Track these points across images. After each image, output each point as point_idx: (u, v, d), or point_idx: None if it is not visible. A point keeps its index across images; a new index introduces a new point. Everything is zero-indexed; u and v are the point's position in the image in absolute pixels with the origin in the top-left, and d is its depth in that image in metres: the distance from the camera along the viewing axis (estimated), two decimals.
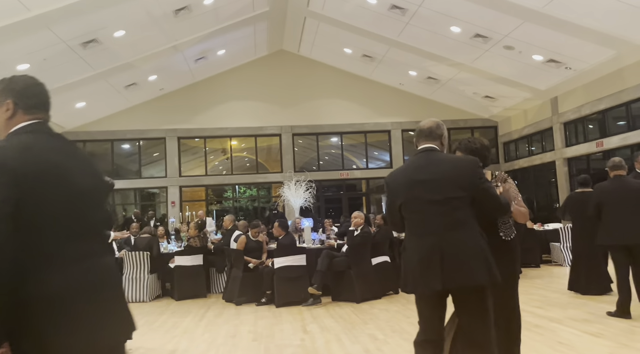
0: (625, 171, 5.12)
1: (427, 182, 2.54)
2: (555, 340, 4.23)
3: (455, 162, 2.61)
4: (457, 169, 2.55)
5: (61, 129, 14.84)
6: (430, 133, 2.70)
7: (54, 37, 9.67)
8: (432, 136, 2.70)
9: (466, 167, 2.57)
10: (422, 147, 2.70)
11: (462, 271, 2.41)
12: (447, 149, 2.83)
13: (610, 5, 8.96)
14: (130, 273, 7.62)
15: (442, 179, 2.52)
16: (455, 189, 2.49)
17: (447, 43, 12.16)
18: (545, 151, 14.51)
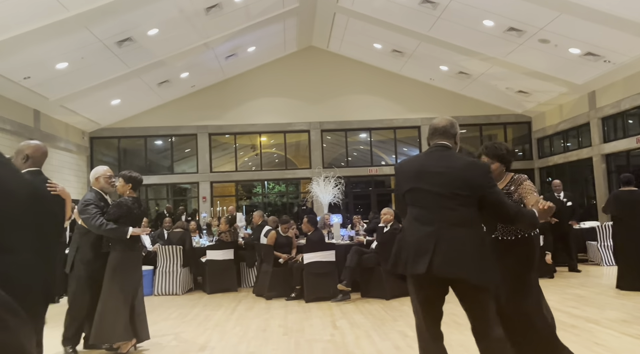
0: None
1: (436, 174, 2.58)
2: (591, 341, 4.12)
3: (468, 163, 2.63)
4: (469, 169, 2.58)
5: (97, 126, 15.29)
6: (445, 132, 2.73)
7: (91, 36, 9.94)
8: (447, 135, 2.73)
9: (478, 169, 2.61)
10: (436, 143, 2.74)
11: (451, 263, 2.43)
12: (457, 148, 2.85)
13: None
14: (163, 266, 7.80)
15: (452, 174, 2.55)
16: (464, 187, 2.52)
17: (479, 37, 11.92)
18: (581, 147, 14.08)
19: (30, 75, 10.50)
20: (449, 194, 2.52)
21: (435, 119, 2.83)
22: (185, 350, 4.44)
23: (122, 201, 4.48)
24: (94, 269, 4.35)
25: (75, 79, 11.51)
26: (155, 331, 5.21)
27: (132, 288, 4.38)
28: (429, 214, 2.55)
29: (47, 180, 3.33)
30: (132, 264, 4.46)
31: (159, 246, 7.96)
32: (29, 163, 3.28)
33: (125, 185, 4.58)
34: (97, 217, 4.27)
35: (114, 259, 4.34)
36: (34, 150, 3.31)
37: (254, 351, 4.30)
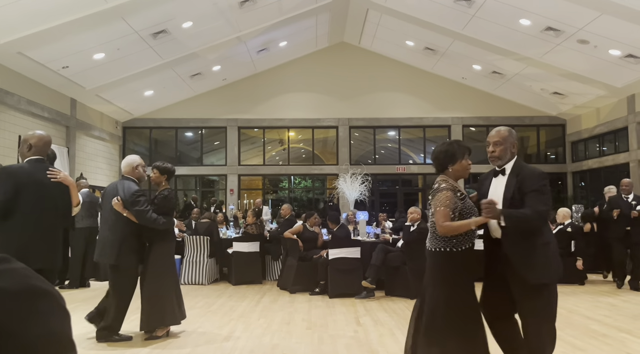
0: None
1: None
2: (624, 351, 4.00)
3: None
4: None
5: (130, 116, 15.62)
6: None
7: (128, 27, 10.15)
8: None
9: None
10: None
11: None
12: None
13: None
14: (191, 256, 7.93)
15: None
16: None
17: (515, 36, 11.65)
18: (618, 152, 13.65)
19: (69, 65, 10.80)
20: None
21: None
22: (210, 339, 4.51)
23: (168, 194, 4.61)
24: (141, 256, 4.49)
25: (111, 70, 11.77)
26: None
27: (173, 274, 4.61)
28: None
29: (48, 168, 3.47)
30: (171, 253, 4.68)
31: (187, 236, 8.09)
32: (33, 151, 3.47)
33: (161, 176, 4.66)
34: (150, 210, 4.34)
35: (155, 251, 4.46)
36: (38, 140, 3.50)
37: (278, 343, 4.33)
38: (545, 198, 2.80)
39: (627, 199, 7.27)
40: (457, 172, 3.02)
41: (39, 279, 0.75)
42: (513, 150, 3.00)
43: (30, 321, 0.70)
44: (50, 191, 3.42)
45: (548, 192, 2.84)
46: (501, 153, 2.98)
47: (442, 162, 3.02)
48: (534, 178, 2.83)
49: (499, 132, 3.02)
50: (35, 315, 0.71)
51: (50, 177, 3.42)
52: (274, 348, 4.21)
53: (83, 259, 7.53)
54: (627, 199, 7.26)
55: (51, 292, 0.76)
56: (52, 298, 0.75)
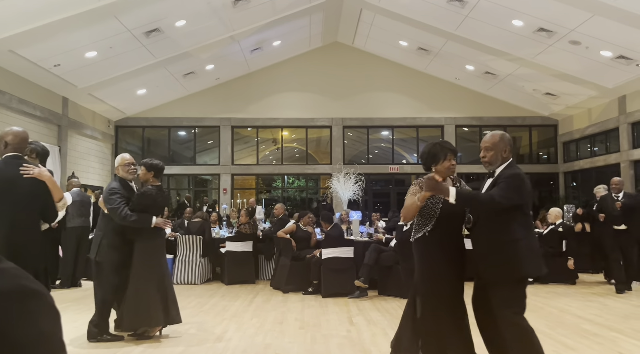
0: None
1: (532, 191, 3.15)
2: (615, 350, 4.03)
3: None
4: None
5: (123, 115, 15.53)
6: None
7: (120, 26, 10.09)
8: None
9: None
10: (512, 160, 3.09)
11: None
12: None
13: None
14: (183, 255, 7.89)
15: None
16: None
17: (507, 37, 11.71)
18: (609, 152, 13.76)
19: (61, 63, 10.72)
20: None
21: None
22: (202, 339, 4.49)
23: (146, 190, 4.50)
24: (124, 253, 4.42)
25: (103, 68, 11.70)
26: None
27: (160, 274, 4.47)
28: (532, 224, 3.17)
29: (22, 164, 3.37)
30: (158, 252, 4.55)
31: (179, 236, 8.05)
32: (9, 149, 3.40)
33: (148, 173, 4.59)
34: (121, 207, 4.31)
35: (140, 248, 4.41)
36: (14, 136, 3.41)
37: (271, 343, 4.33)
38: (507, 190, 2.84)
39: (617, 198, 7.06)
40: (440, 172, 3.17)
41: (29, 279, 0.74)
42: (504, 155, 3.03)
43: (21, 321, 0.69)
44: (23, 188, 3.31)
45: (514, 188, 2.86)
46: (491, 159, 3.04)
47: (425, 162, 3.25)
48: (507, 175, 2.92)
49: (490, 137, 3.08)
50: (26, 315, 0.70)
51: (23, 173, 3.31)
52: (266, 347, 4.20)
53: (75, 259, 7.48)
54: (617, 198, 7.05)
55: (41, 292, 0.75)
56: (42, 297, 0.75)
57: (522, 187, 2.89)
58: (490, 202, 2.81)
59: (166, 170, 14.63)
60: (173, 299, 4.51)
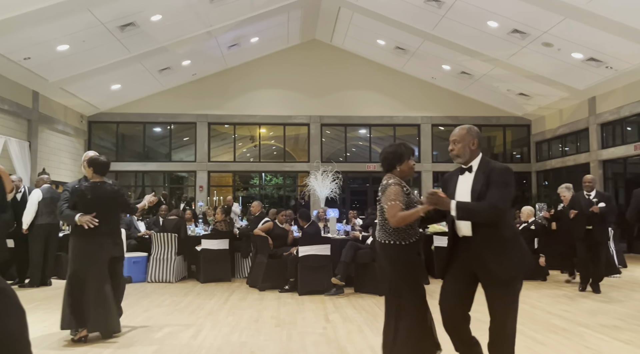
0: None
1: None
2: (582, 345, 4.15)
3: None
4: None
5: (96, 110, 15.22)
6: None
7: (94, 19, 9.87)
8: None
9: None
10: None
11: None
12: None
13: None
14: (158, 253, 7.79)
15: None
16: None
17: (483, 38, 11.90)
18: (579, 152, 14.13)
19: (31, 56, 10.43)
20: None
21: (475, 127, 3.13)
22: (177, 337, 4.44)
23: (76, 187, 4.40)
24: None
25: (76, 62, 11.44)
26: (147, 317, 5.22)
27: (81, 275, 4.22)
28: None
29: None
30: (81, 252, 4.27)
31: (154, 233, 7.94)
32: None
33: (88, 169, 4.45)
34: (61, 203, 4.36)
35: (70, 245, 4.36)
36: None
37: (246, 341, 4.31)
38: (505, 192, 2.82)
39: (588, 196, 6.76)
40: (404, 171, 3.25)
41: None
42: (472, 147, 3.03)
43: None
44: None
45: (510, 187, 2.86)
46: (459, 151, 3.05)
47: (391, 161, 3.25)
48: (499, 172, 2.90)
49: (459, 130, 3.10)
50: None
51: None
52: (242, 345, 4.18)
53: (44, 257, 7.30)
54: (589, 196, 6.76)
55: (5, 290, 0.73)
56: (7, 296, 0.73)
57: (512, 181, 2.91)
58: (493, 210, 2.80)
59: (141, 167, 14.41)
60: (99, 304, 4.19)
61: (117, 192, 4.46)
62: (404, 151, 3.25)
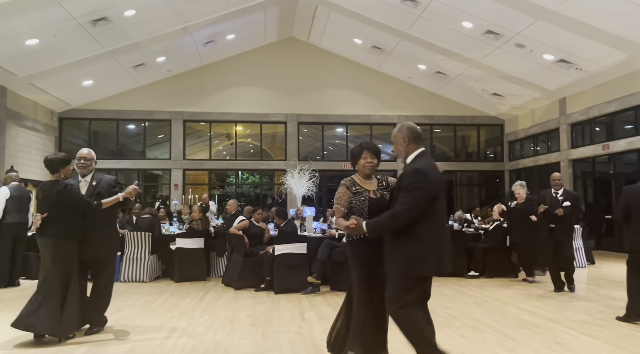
0: None
1: (444, 181, 3.07)
2: (552, 340, 4.25)
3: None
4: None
5: (67, 106, 14.86)
6: (422, 137, 3.14)
7: (64, 13, 9.63)
8: (422, 140, 3.15)
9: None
10: (423, 149, 3.09)
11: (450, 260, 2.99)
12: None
13: (624, 7, 8.87)
14: (131, 252, 7.66)
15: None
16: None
17: (458, 38, 12.06)
18: (550, 152, 14.46)
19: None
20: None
21: (411, 123, 3.12)
22: (150, 337, 4.38)
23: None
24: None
25: (46, 57, 11.14)
26: (119, 318, 5.13)
27: (44, 275, 4.19)
28: (444, 217, 3.05)
29: None
30: (50, 255, 4.21)
31: (127, 232, 7.80)
32: None
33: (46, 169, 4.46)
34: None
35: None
36: None
37: (221, 341, 4.27)
38: (410, 197, 2.82)
39: (556, 194, 6.73)
40: (360, 169, 3.36)
41: None
42: (405, 146, 3.05)
43: None
44: None
45: (418, 190, 2.82)
46: (396, 151, 3.18)
47: (351, 161, 3.46)
48: (408, 176, 2.91)
49: (393, 130, 3.19)
50: None
51: None
52: (216, 345, 4.15)
53: (12, 257, 7.09)
54: (556, 194, 6.72)
55: None
56: None
57: (423, 183, 2.83)
58: (397, 220, 2.82)
59: (114, 164, 14.21)
60: (54, 305, 4.12)
61: (61, 192, 4.23)
62: (356, 151, 3.37)
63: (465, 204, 16.52)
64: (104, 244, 4.48)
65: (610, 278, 7.98)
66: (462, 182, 17.79)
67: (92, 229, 4.40)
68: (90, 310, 4.47)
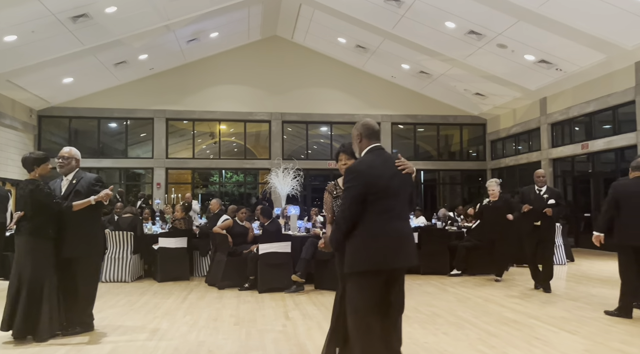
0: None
1: (396, 175, 2.83)
2: (532, 336, 4.32)
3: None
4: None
5: (47, 104, 14.60)
6: (378, 133, 3.04)
7: (43, 9, 9.45)
8: (378, 136, 3.02)
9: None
10: (376, 144, 2.96)
11: (411, 253, 2.82)
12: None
13: (603, 9, 9.04)
14: (113, 252, 7.56)
15: (400, 174, 2.85)
16: (409, 185, 2.89)
17: (441, 38, 12.16)
18: (531, 151, 14.68)
19: None
20: (403, 192, 2.85)
21: (367, 120, 3.05)
22: (131, 338, 4.33)
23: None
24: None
25: (24, 54, 10.93)
26: (100, 318, 5.06)
27: (17, 273, 4.19)
28: (395, 210, 2.78)
29: None
30: (25, 256, 4.18)
31: (109, 232, 7.70)
32: None
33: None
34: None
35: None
36: None
37: (204, 340, 4.25)
38: (344, 197, 2.87)
39: (539, 191, 6.66)
40: (341, 172, 3.34)
41: None
42: (358, 141, 3.02)
43: None
44: None
45: (348, 189, 2.79)
46: (354, 149, 3.13)
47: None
48: (345, 173, 2.92)
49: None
50: None
51: None
52: (199, 345, 4.12)
53: None
54: (540, 191, 6.66)
55: None
56: None
57: (352, 183, 2.76)
58: (340, 224, 2.80)
59: (95, 163, 14.04)
60: (29, 308, 4.11)
61: (33, 191, 4.19)
62: (336, 153, 3.45)
63: (448, 203, 16.68)
64: (82, 243, 4.40)
65: (589, 275, 8.14)
66: (445, 181, 17.96)
67: (70, 228, 4.34)
68: (68, 311, 4.39)
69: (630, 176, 5.12)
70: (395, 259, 2.74)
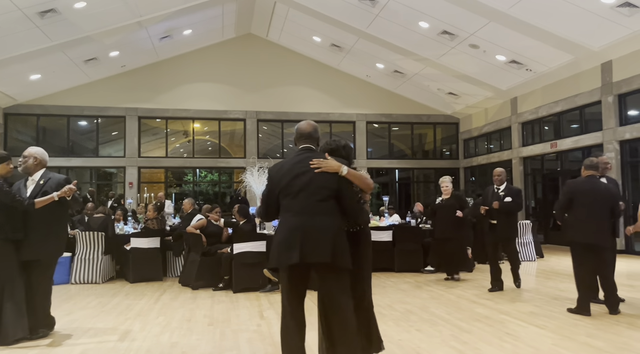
0: (598, 173, 5.17)
1: (304, 173, 2.92)
2: (503, 331, 4.41)
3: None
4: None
5: (13, 101, 14.17)
6: (309, 136, 3.16)
7: (9, 3, 9.16)
8: (311, 139, 3.15)
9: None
10: (303, 146, 3.14)
11: (317, 249, 2.79)
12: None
13: (571, 10, 9.27)
14: (83, 253, 7.39)
15: (309, 173, 2.92)
16: (321, 182, 2.90)
17: (414, 38, 12.29)
18: (503, 150, 14.98)
19: None
20: (314, 189, 2.89)
21: (300, 123, 3.20)
22: (102, 340, 4.24)
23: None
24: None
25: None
26: (70, 321, 4.95)
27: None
28: (296, 206, 2.89)
29: None
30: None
31: (79, 232, 7.52)
32: None
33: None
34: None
35: None
36: None
37: (177, 341, 4.20)
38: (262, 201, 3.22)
39: (497, 189, 6.65)
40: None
41: None
42: (296, 146, 3.22)
43: None
44: None
45: (265, 189, 3.17)
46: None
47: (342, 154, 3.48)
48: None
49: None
50: None
51: None
52: (172, 346, 4.07)
53: None
54: (498, 189, 6.64)
55: None
56: None
57: (266, 185, 3.11)
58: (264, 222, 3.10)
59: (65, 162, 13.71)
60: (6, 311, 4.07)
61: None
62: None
63: (422, 201, 16.86)
64: (47, 244, 4.25)
65: (557, 270, 8.36)
66: (419, 179, 18.17)
67: (35, 229, 4.19)
68: (31, 315, 4.25)
69: (583, 175, 5.21)
70: (289, 256, 2.81)
